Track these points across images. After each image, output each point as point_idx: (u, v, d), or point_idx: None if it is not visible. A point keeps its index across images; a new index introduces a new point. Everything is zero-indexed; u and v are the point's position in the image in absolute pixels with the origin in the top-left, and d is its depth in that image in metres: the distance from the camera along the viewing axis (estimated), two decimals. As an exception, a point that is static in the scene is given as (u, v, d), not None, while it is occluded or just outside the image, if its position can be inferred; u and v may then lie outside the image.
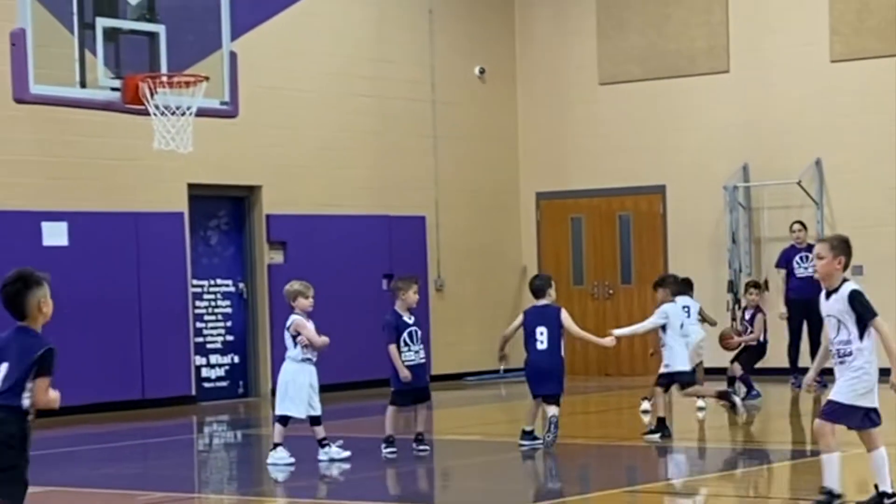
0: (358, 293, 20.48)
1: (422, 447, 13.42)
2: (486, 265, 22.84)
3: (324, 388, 13.43)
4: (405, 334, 13.36)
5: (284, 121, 20.07)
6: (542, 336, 13.59)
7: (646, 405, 15.95)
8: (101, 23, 13.71)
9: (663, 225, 22.32)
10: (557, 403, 13.62)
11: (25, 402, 7.35)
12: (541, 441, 13.57)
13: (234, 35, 14.86)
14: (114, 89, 13.86)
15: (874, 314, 9.30)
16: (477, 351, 22.40)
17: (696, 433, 15.39)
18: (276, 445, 13.05)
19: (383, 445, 13.34)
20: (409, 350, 13.36)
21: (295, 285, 13.34)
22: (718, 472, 12.61)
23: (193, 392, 19.14)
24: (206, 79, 14.10)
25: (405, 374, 13.19)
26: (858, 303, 9.29)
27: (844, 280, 9.43)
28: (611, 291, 22.81)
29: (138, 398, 18.40)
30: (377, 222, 21.18)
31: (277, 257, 20.11)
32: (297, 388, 13.07)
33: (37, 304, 7.53)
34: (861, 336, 9.28)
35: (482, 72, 22.85)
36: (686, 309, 16.34)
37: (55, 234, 17.70)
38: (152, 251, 18.54)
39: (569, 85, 22.88)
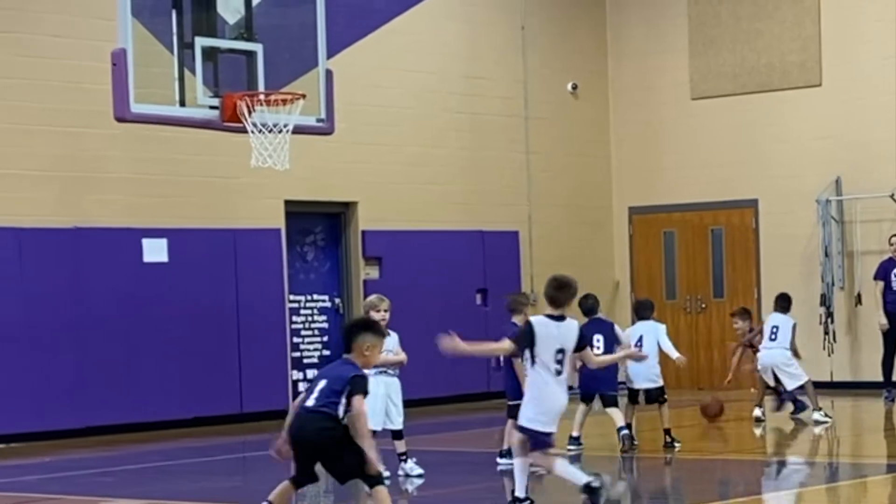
0: (451, 308, 20.37)
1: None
2: (579, 279, 22.20)
3: (417, 403, 13.33)
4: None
5: (379, 137, 20.04)
6: (598, 342, 14.11)
7: (758, 412, 16.84)
8: (200, 42, 13.71)
9: (756, 239, 22.05)
10: (615, 405, 14.15)
11: (340, 411, 9.12)
12: (581, 447, 14.07)
13: (330, 53, 14.82)
14: (212, 107, 13.83)
15: None
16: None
17: (792, 448, 15.14)
18: (402, 457, 12.96)
19: (499, 458, 13.30)
20: None
21: (369, 298, 13.27)
22: (812, 487, 12.37)
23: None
24: (303, 96, 14.06)
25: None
26: None
27: None
28: (703, 305, 22.56)
29: (237, 412, 18.41)
30: (471, 238, 21.08)
31: (373, 273, 20.07)
32: (371, 400, 12.95)
33: (363, 346, 9.28)
34: None
35: (574, 87, 22.71)
36: (774, 329, 16.66)
37: (155, 251, 17.76)
38: (250, 267, 18.57)
39: (661, 100, 22.68)
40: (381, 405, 12.91)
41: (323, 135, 15.11)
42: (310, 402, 9.21)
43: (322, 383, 9.24)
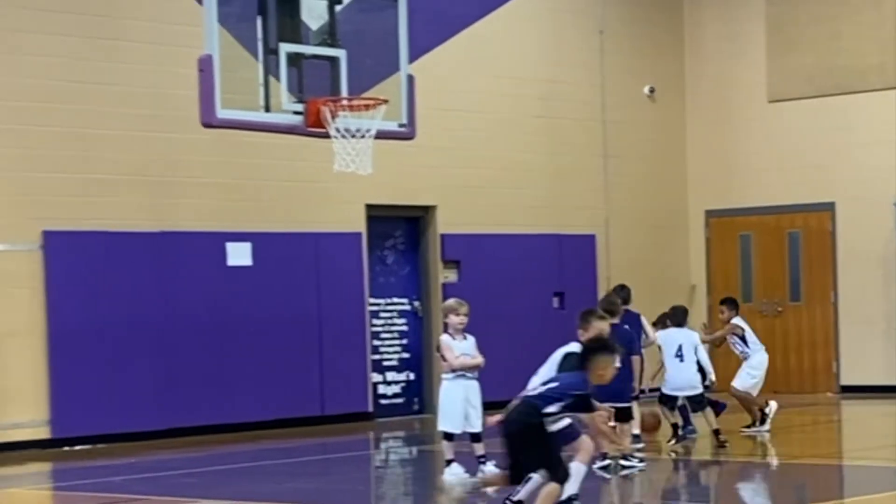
0: (528, 311, 20.32)
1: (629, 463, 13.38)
2: (655, 283, 22.49)
3: (495, 405, 13.23)
4: None
5: (458, 142, 20.00)
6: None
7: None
8: (285, 48, 13.69)
9: (832, 242, 21.81)
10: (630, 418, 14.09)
11: (550, 409, 9.49)
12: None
13: (411, 58, 14.76)
14: (296, 113, 13.80)
15: None
16: (646, 367, 22.09)
17: (871, 451, 14.93)
18: (449, 462, 12.91)
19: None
20: None
21: (448, 301, 13.26)
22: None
23: (370, 408, 19.12)
24: (386, 101, 14.01)
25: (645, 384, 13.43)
26: None
27: None
28: (779, 309, 22.35)
29: (318, 414, 18.41)
30: (548, 241, 20.98)
31: (451, 276, 20.03)
32: (451, 403, 12.95)
33: (599, 366, 9.66)
34: None
35: (652, 91, 22.57)
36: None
37: (239, 255, 17.81)
38: (331, 270, 18.59)
39: (738, 102, 22.49)
40: (460, 408, 12.88)
41: (404, 139, 15.04)
42: (531, 391, 9.87)
43: (553, 384, 9.72)
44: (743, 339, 16.75)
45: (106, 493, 12.74)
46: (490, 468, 12.84)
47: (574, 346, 11.24)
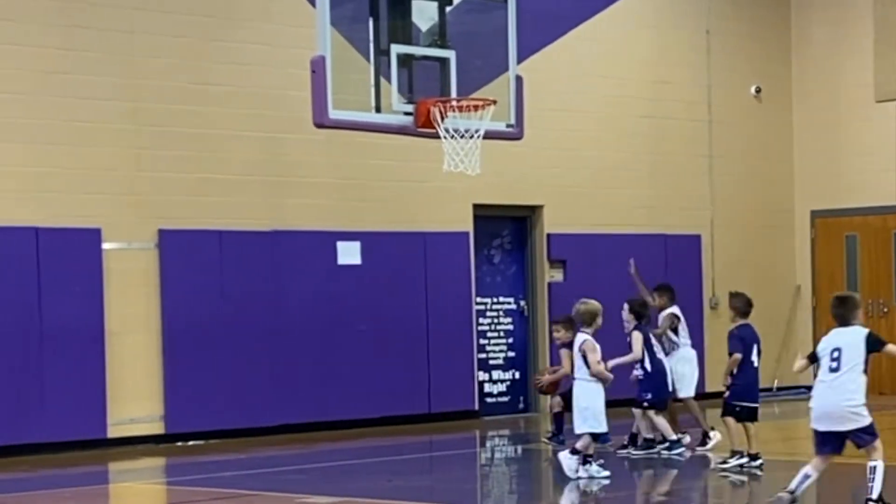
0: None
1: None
2: (760, 284, 22.16)
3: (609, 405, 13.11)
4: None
5: (565, 142, 19.86)
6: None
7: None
8: (396, 49, 13.66)
9: (940, 242, 21.41)
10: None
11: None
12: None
13: (520, 59, 14.64)
14: (406, 114, 13.76)
15: None
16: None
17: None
18: (587, 458, 12.70)
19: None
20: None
21: (595, 304, 13.00)
22: None
23: (476, 407, 19.00)
24: (494, 102, 13.90)
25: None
26: None
27: None
28: (885, 310, 21.96)
29: (425, 412, 18.33)
30: (653, 241, 20.75)
31: (557, 275, 19.87)
32: (596, 403, 12.75)
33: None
34: None
35: (758, 91, 22.25)
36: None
37: (349, 254, 17.79)
38: (439, 269, 18.51)
39: (845, 102, 22.12)
40: (602, 408, 12.71)
41: (512, 140, 14.92)
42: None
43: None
44: (675, 330, 15.28)
45: (218, 489, 12.75)
46: (596, 468, 12.64)
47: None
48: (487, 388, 19.42)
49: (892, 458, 14.48)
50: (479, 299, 19.27)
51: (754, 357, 13.33)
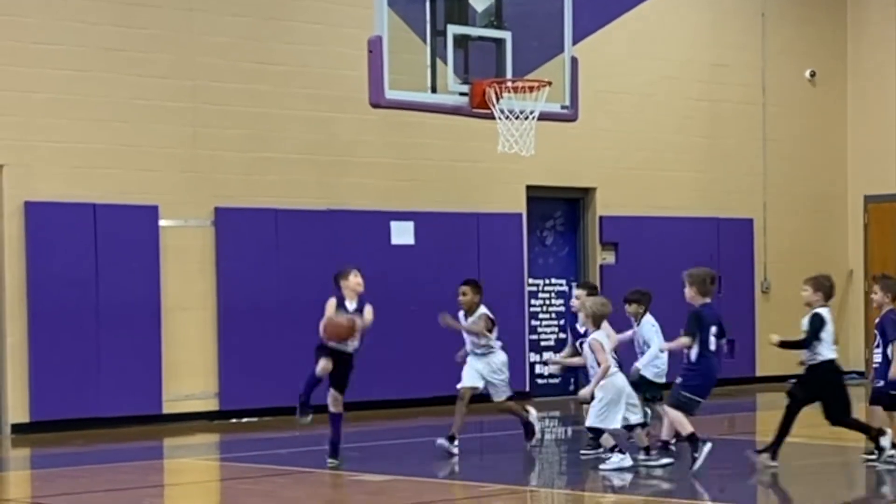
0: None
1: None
2: (812, 268, 21.78)
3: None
4: None
5: (619, 124, 19.73)
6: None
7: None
8: (452, 30, 13.60)
9: None
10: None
11: None
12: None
13: (575, 40, 14.52)
14: (462, 94, 13.68)
15: None
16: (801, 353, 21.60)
17: None
18: (612, 449, 12.47)
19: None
20: None
21: (603, 307, 12.49)
22: None
23: (527, 388, 18.91)
24: (549, 84, 13.78)
25: None
26: None
27: None
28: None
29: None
30: (706, 224, 20.60)
31: (609, 258, 19.75)
32: (627, 395, 12.46)
33: None
34: None
35: (813, 75, 22.02)
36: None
37: (403, 234, 17.74)
38: (492, 250, 18.45)
39: (899, 87, 21.86)
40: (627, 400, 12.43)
41: (567, 121, 14.82)
42: None
43: None
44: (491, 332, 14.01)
45: (271, 465, 12.73)
46: (618, 458, 12.29)
47: None
48: (538, 369, 19.33)
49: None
50: (531, 280, 19.18)
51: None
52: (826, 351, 12.32)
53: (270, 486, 12.00)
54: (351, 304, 13.05)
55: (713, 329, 12.16)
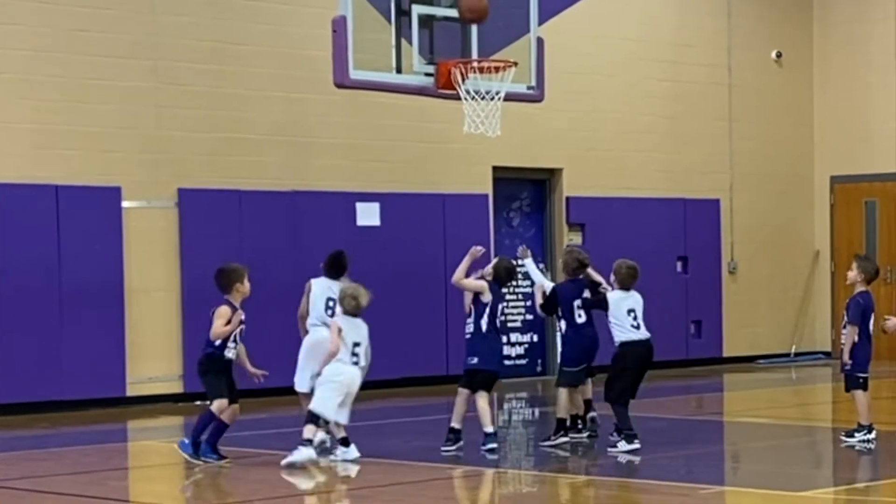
0: (652, 275, 19.77)
1: None
2: (778, 249, 22.12)
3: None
4: None
5: (585, 105, 19.77)
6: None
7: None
8: (417, 10, 13.57)
9: (959, 209, 21.28)
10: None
11: None
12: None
13: (541, 21, 14.53)
14: (427, 74, 13.67)
15: None
16: (768, 333, 21.78)
17: None
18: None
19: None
20: None
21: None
22: None
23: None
24: (515, 64, 13.79)
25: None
26: None
27: None
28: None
29: (442, 374, 18.28)
30: (672, 205, 20.68)
31: (576, 238, 19.79)
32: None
33: None
34: None
35: (779, 55, 22.09)
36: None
37: (368, 215, 17.74)
38: (458, 231, 18.43)
39: (866, 67, 21.95)
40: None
41: (532, 102, 14.83)
42: None
43: None
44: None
45: (236, 448, 12.71)
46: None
47: None
48: (505, 350, 19.33)
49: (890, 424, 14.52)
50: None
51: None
52: None
53: (235, 468, 12.01)
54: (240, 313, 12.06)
55: (577, 302, 12.85)
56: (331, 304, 12.93)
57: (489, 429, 12.49)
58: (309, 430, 11.98)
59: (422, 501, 10.56)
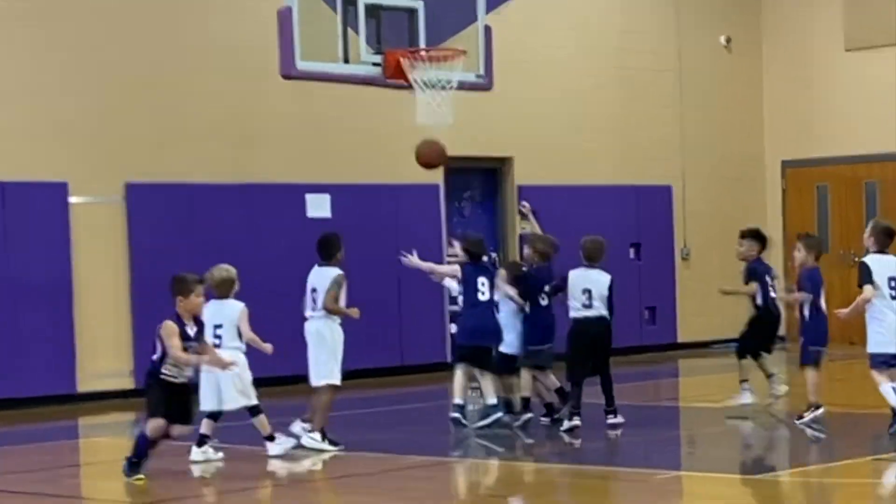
0: (605, 262, 20.03)
1: None
2: (731, 234, 22.05)
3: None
4: None
5: (534, 93, 19.82)
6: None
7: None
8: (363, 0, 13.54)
9: (910, 192, 21.45)
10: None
11: None
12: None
13: (489, 8, 14.58)
14: (375, 64, 13.68)
15: None
16: (721, 319, 21.83)
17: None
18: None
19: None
20: None
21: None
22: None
23: (448, 359, 18.96)
24: (464, 52, 13.83)
25: None
26: None
27: None
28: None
29: (398, 364, 18.32)
30: (624, 192, 20.77)
31: (528, 227, 19.80)
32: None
33: None
34: None
35: (728, 41, 22.22)
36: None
37: (319, 206, 17.72)
38: (410, 222, 18.48)
39: (815, 52, 22.13)
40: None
41: (482, 90, 14.86)
42: None
43: None
44: None
45: (189, 443, 12.69)
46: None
47: None
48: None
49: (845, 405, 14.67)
50: (450, 251, 19.19)
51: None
52: None
53: (189, 462, 12.01)
54: (191, 328, 11.65)
55: (546, 288, 13.79)
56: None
57: (459, 400, 13.44)
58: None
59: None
